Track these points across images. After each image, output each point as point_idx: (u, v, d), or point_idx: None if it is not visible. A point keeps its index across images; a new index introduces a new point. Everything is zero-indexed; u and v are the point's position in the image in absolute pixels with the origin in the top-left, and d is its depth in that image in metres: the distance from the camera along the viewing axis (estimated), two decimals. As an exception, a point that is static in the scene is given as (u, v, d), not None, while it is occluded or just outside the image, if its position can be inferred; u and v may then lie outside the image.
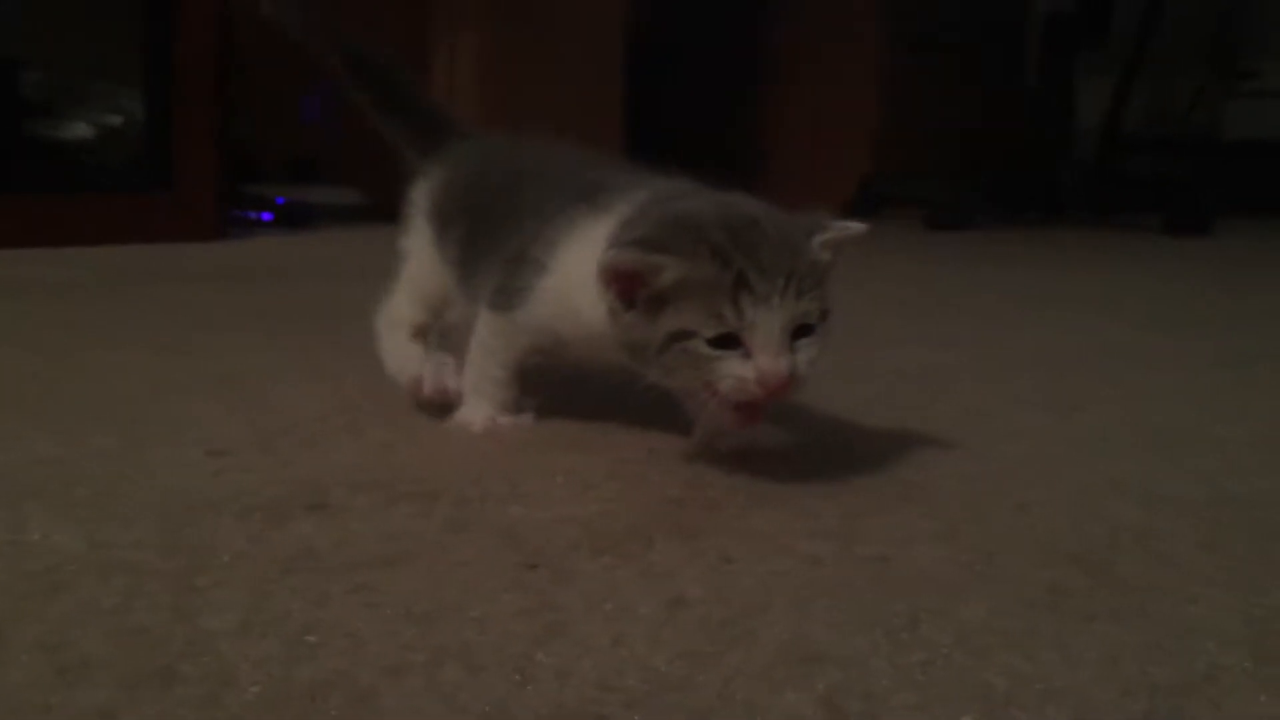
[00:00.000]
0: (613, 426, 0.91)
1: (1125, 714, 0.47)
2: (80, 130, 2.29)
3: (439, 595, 0.58)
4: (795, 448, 0.86)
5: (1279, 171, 3.44)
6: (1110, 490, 0.78)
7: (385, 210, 1.16)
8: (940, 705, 0.48)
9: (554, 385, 0.95)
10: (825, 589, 0.60)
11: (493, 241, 0.89)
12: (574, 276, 0.79)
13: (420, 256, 1.00)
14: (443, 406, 0.92)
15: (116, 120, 2.30)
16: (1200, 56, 3.29)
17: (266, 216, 2.59)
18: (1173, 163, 3.32)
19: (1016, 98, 3.34)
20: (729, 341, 0.71)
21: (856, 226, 0.77)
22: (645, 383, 0.76)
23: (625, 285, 0.73)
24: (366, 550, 0.64)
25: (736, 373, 0.71)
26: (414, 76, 1.10)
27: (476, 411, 0.90)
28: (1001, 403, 1.05)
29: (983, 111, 3.26)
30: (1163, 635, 0.55)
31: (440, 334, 1.00)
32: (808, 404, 0.96)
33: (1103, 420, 0.99)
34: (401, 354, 0.97)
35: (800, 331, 0.72)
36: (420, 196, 1.00)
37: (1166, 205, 2.92)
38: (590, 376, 0.92)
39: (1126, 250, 2.67)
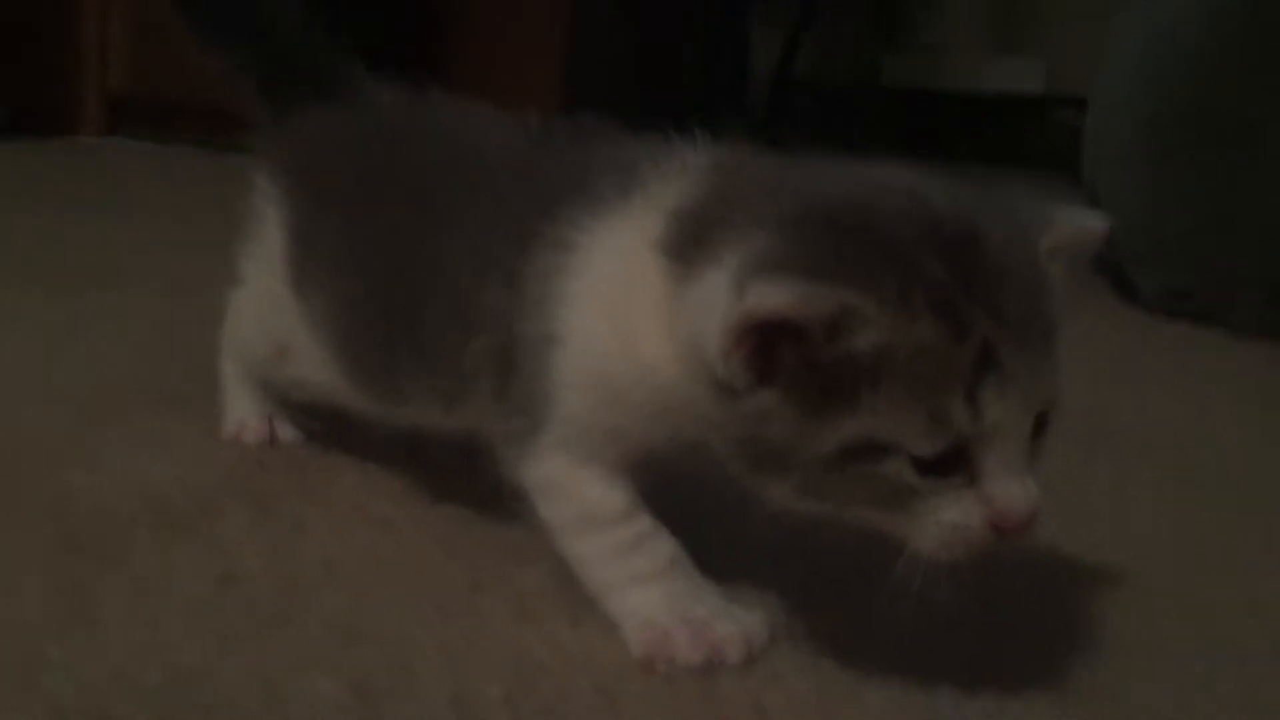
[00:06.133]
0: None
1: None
2: None
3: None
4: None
5: (929, 119, 3.72)
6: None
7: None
8: (476, 677, 0.48)
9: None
10: (390, 557, 0.59)
11: (423, 302, 0.57)
12: (609, 320, 0.49)
13: (261, 296, 0.67)
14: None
15: None
16: (863, 10, 3.48)
17: None
18: (836, 108, 3.50)
19: (698, 41, 3.41)
20: (947, 462, 0.44)
21: (1095, 221, 0.50)
22: (762, 502, 0.47)
23: (763, 345, 0.43)
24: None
25: (955, 519, 0.44)
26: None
27: (668, 614, 0.51)
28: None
29: (666, 51, 3.31)
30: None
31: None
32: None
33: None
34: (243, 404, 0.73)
35: (1037, 425, 0.45)
36: (267, 190, 0.66)
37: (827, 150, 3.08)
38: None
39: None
